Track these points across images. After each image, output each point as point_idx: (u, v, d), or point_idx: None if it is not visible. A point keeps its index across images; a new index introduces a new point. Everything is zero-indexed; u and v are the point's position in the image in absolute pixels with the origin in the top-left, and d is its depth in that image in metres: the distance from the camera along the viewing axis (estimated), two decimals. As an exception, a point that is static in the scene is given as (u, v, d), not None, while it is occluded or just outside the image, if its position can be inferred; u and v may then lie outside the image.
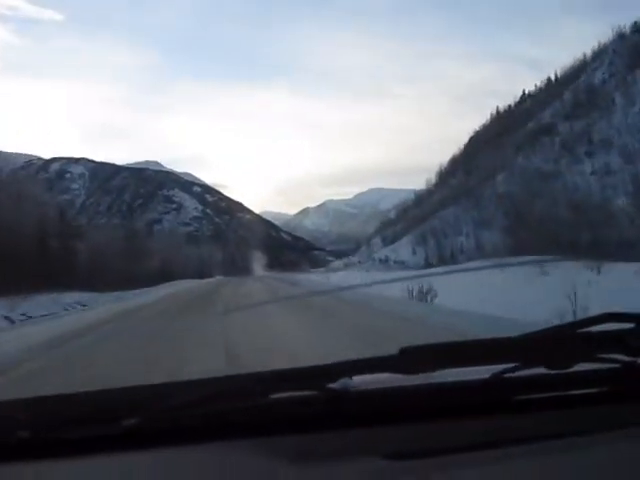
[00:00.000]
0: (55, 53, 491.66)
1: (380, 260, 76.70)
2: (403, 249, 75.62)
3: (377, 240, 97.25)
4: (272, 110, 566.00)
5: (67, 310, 22.21)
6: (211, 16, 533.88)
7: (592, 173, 67.95)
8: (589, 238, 52.07)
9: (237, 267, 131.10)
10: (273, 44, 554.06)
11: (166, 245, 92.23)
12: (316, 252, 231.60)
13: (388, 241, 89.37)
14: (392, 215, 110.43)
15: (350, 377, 1.10)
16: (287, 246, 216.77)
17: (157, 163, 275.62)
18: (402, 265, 69.38)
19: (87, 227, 72.73)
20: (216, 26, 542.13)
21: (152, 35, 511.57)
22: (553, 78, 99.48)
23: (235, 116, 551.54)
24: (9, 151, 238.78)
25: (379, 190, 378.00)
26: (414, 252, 73.93)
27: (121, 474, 1.00)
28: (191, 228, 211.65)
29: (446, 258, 65.43)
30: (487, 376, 1.13)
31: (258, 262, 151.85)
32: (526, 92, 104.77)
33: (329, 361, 1.10)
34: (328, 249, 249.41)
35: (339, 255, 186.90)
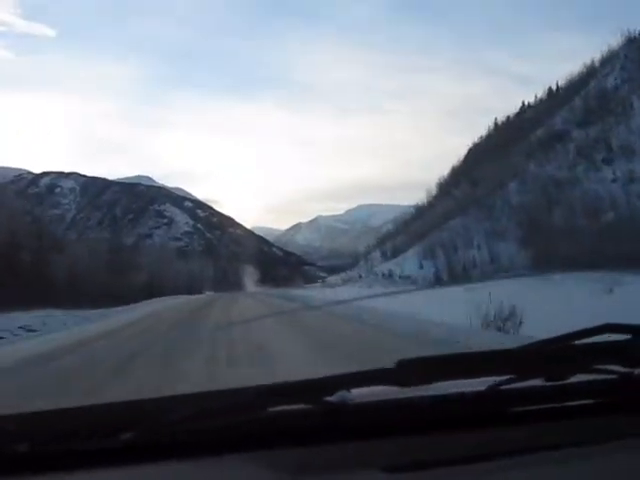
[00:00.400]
0: (46, 68, 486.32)
1: (383, 275, 70.22)
2: (409, 263, 69.36)
3: (376, 254, 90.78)
4: (263, 125, 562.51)
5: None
6: (204, 31, 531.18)
7: (613, 181, 62.38)
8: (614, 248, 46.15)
9: (228, 282, 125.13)
10: (265, 59, 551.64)
11: (154, 260, 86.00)
12: (307, 267, 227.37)
13: (388, 255, 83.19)
14: (389, 228, 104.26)
15: (348, 390, 1.08)
16: (279, 261, 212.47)
17: (149, 178, 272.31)
18: (408, 280, 62.97)
19: (68, 240, 66.64)
20: (209, 41, 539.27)
21: (143, 50, 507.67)
22: (555, 87, 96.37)
23: (227, 131, 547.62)
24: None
25: (370, 206, 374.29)
26: (421, 266, 67.54)
27: None
28: (182, 243, 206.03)
29: (457, 272, 59.15)
30: (483, 388, 1.11)
31: (250, 277, 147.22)
32: (526, 103, 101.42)
33: (325, 374, 1.08)
34: (319, 264, 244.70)
35: (331, 270, 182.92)
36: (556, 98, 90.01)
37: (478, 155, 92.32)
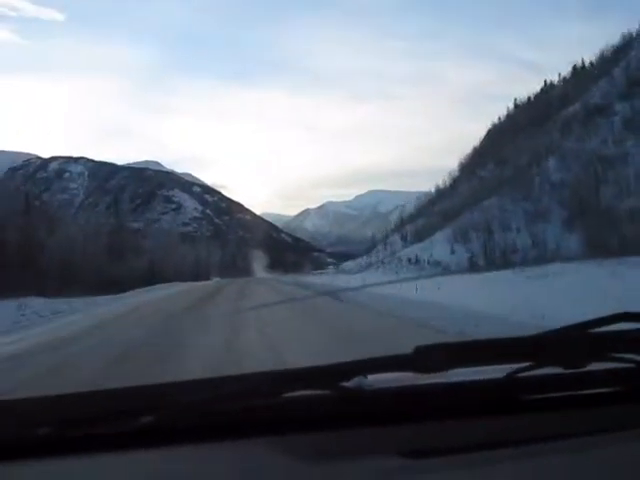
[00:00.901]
0: (56, 52, 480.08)
1: (409, 260, 62.12)
2: (438, 247, 61.51)
3: (395, 238, 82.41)
4: (273, 111, 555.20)
5: None
6: (213, 16, 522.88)
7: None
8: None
9: (237, 268, 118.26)
10: (274, 45, 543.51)
11: (158, 245, 78.97)
12: (316, 254, 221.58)
13: (409, 239, 75.12)
14: (410, 211, 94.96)
15: (364, 376, 1.08)
16: (287, 247, 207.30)
17: (157, 163, 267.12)
18: (438, 266, 55.23)
19: (59, 222, 59.36)
20: (218, 26, 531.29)
21: (153, 35, 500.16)
22: (580, 65, 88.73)
23: (236, 117, 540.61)
24: (8, 150, 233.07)
25: (379, 192, 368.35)
26: (453, 251, 59.56)
27: (138, 471, 0.99)
28: (190, 228, 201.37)
29: (495, 258, 51.41)
30: (501, 375, 1.10)
31: (258, 263, 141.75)
32: (548, 82, 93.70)
33: (343, 360, 1.07)
34: (328, 251, 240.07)
35: (341, 257, 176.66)
36: (588, 73, 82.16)
37: (501, 135, 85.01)
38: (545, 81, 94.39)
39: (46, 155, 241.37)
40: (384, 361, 1.06)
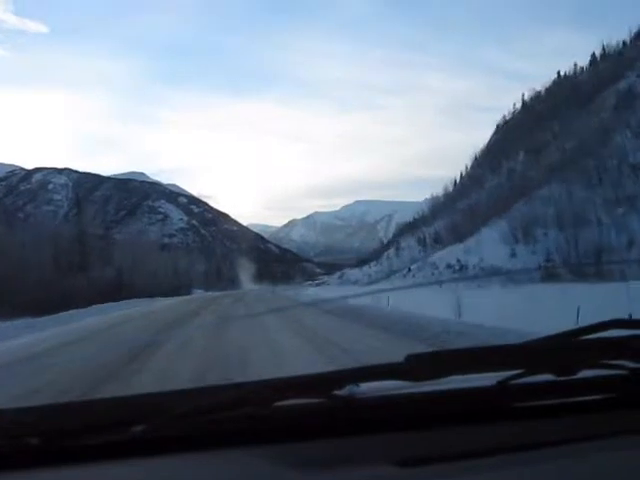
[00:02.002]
0: (40, 64, 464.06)
1: (449, 266, 46.02)
2: (489, 249, 45.52)
3: (410, 241, 66.62)
4: (259, 122, 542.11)
5: None
6: (198, 27, 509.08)
7: None
8: None
9: (223, 280, 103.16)
10: (261, 56, 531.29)
11: (131, 254, 63.26)
12: (304, 264, 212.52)
13: (429, 242, 59.71)
14: (423, 211, 79.40)
15: (356, 384, 1.05)
16: (275, 258, 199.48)
17: (143, 174, 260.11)
18: (495, 273, 39.34)
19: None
20: (204, 37, 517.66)
21: (139, 46, 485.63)
22: (599, 54, 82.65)
23: (222, 128, 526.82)
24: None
25: (365, 202, 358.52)
26: (513, 253, 43.53)
27: None
28: (176, 239, 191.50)
29: (576, 260, 35.86)
30: (492, 383, 1.07)
31: (246, 275, 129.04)
32: (561, 73, 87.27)
33: (335, 369, 1.05)
34: (316, 261, 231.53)
35: (329, 267, 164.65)
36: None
37: (519, 126, 72.17)
38: (558, 72, 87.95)
39: (30, 166, 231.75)
40: (376, 369, 1.04)
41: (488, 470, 0.92)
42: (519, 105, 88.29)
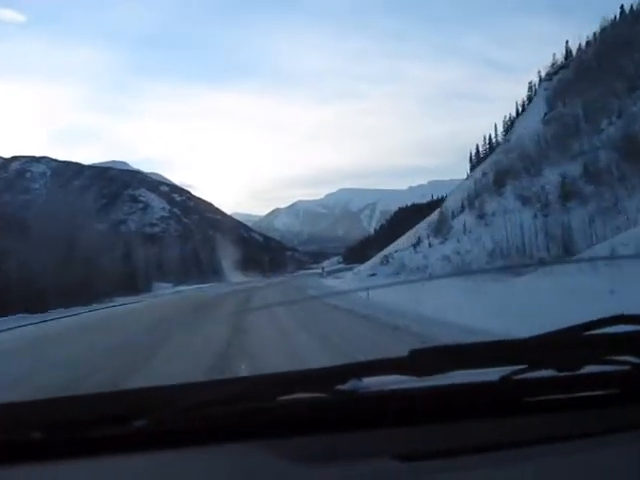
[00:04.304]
0: (17, 53, 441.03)
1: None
2: None
3: (466, 217, 47.00)
4: (242, 111, 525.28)
5: None
6: (178, 17, 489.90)
7: None
8: None
9: (205, 271, 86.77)
10: (243, 46, 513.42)
11: (94, 246, 46.69)
12: (289, 252, 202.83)
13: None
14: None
15: (359, 379, 1.03)
16: (259, 247, 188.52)
17: (124, 163, 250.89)
18: None
19: None
20: (183, 27, 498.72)
21: (120, 36, 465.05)
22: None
23: (204, 117, 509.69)
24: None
25: (349, 190, 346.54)
26: None
27: (132, 475, 0.94)
28: (158, 229, 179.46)
29: None
30: (496, 378, 1.04)
31: (230, 265, 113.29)
32: (596, 34, 70.94)
33: (338, 363, 1.04)
34: (301, 249, 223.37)
35: (315, 256, 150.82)
36: None
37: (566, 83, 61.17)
38: (595, 33, 71.58)
39: (7, 155, 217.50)
40: (379, 364, 1.02)
41: (492, 465, 0.90)
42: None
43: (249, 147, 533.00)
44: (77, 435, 0.94)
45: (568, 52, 75.22)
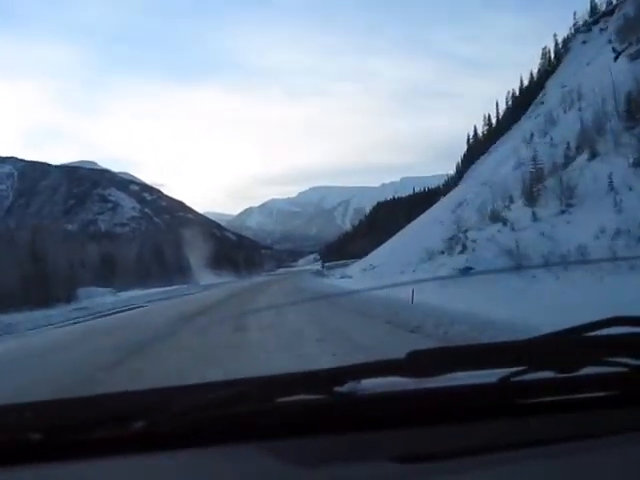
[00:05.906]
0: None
1: None
2: None
3: (520, 206, 32.74)
4: (212, 110, 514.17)
5: None
6: (146, 15, 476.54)
7: None
8: None
9: (169, 271, 77.46)
10: (208, 42, 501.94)
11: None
12: (263, 251, 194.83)
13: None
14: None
15: (358, 381, 1.00)
16: (232, 246, 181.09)
17: (94, 163, 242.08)
18: None
19: None
20: (152, 25, 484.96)
21: (85, 35, 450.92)
22: None
23: (174, 116, 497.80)
24: None
25: (321, 188, 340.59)
26: None
27: (130, 477, 0.92)
28: (128, 229, 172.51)
29: None
30: (494, 380, 1.02)
31: (202, 265, 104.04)
32: None
33: (336, 365, 1.02)
34: (275, 248, 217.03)
35: (290, 254, 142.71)
36: None
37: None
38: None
39: None
40: (377, 366, 0.99)
41: (490, 467, 0.88)
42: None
43: (220, 146, 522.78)
44: (75, 437, 0.93)
45: (593, 7, 66.74)
